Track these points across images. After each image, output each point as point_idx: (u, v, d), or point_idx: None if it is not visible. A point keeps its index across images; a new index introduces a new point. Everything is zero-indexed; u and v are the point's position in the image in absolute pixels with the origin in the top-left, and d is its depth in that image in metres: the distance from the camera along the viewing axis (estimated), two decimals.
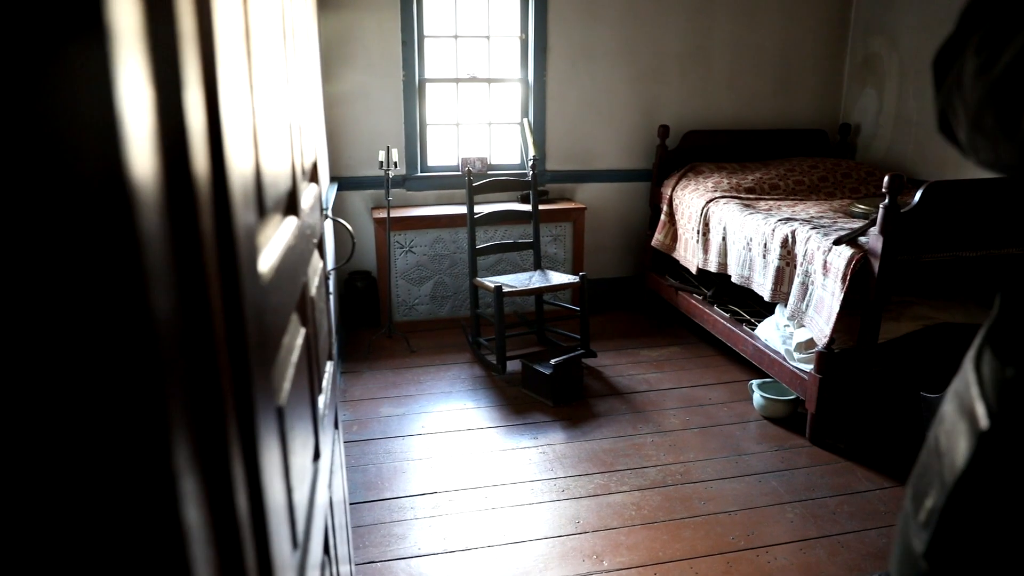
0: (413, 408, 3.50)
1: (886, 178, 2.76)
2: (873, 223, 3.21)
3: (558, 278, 3.96)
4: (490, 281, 3.90)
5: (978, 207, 2.90)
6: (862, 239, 3.00)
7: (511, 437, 3.23)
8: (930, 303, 3.27)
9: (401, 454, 3.09)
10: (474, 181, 4.02)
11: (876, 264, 2.82)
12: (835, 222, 3.46)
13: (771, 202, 4.08)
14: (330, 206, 3.44)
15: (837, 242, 2.96)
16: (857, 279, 2.88)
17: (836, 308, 2.92)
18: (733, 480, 2.89)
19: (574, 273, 4.63)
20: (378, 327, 4.53)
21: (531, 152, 4.57)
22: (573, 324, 4.42)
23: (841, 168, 4.49)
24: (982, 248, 3.00)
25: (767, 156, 4.90)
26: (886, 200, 2.78)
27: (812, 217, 3.59)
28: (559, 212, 4.60)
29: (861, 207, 3.72)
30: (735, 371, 3.95)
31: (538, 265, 4.21)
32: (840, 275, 2.92)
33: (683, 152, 4.78)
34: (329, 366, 1.49)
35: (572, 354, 3.57)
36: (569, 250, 4.68)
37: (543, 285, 3.85)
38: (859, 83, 5.01)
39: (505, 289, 3.72)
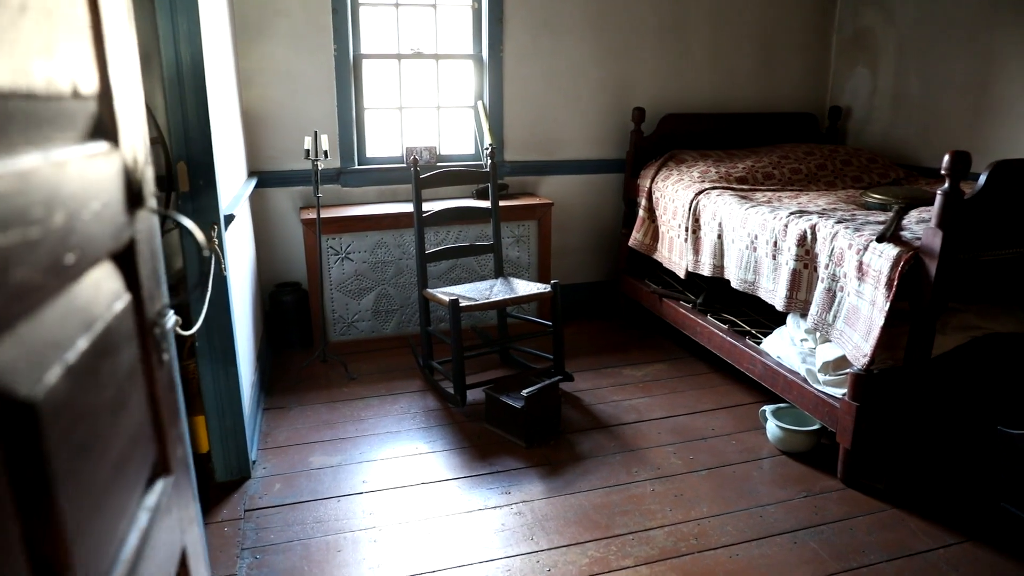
0: (352, 455, 2.80)
1: (946, 157, 2.19)
2: (903, 212, 2.66)
3: (525, 287, 3.31)
4: (444, 293, 3.23)
5: None
6: (906, 235, 2.43)
7: (477, 491, 2.57)
8: (975, 310, 2.72)
9: (336, 523, 2.39)
10: (421, 173, 3.35)
11: (932, 266, 2.24)
12: (854, 215, 2.89)
13: (769, 193, 3.51)
14: (226, 208, 2.72)
15: (880, 239, 2.37)
16: (904, 284, 2.31)
17: (879, 321, 2.34)
18: (762, 543, 2.28)
19: (540, 279, 4.00)
20: (310, 349, 3.81)
21: (487, 140, 3.92)
22: (542, 340, 3.78)
23: (839, 155, 3.95)
24: None
25: (753, 142, 4.34)
26: (946, 185, 2.20)
27: (825, 209, 3.02)
28: (522, 209, 3.95)
29: (876, 196, 3.17)
30: (737, 393, 3.36)
31: (500, 272, 3.55)
32: (884, 280, 2.34)
33: (660, 139, 4.19)
34: (156, 493, 0.80)
35: (547, 381, 2.92)
36: (534, 253, 4.04)
37: (507, 296, 3.19)
38: (849, 61, 4.49)
39: (462, 303, 3.05)
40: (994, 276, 2.39)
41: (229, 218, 2.46)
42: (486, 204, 3.57)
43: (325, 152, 3.48)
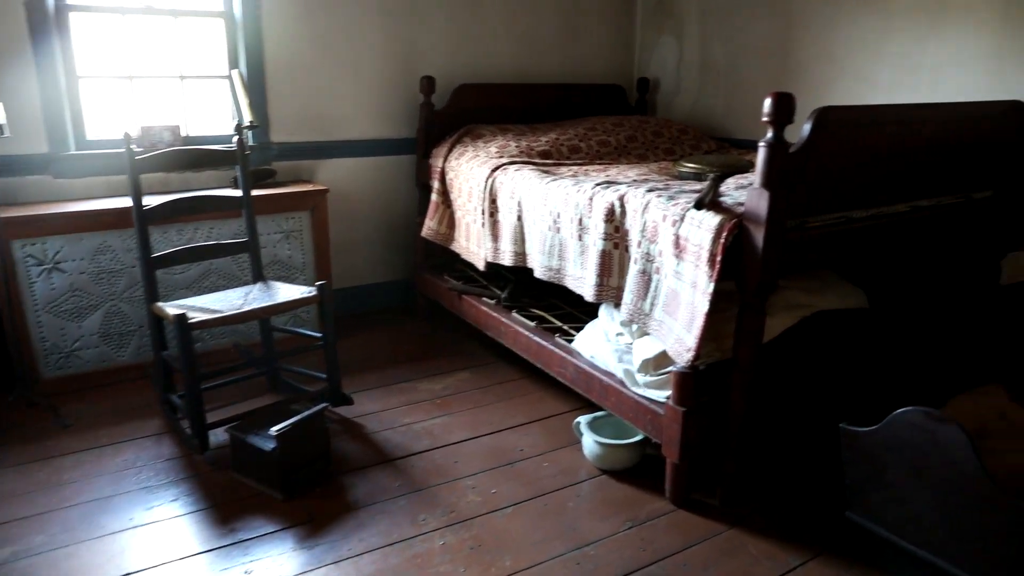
0: (31, 543, 1.99)
1: (768, 100, 1.78)
2: (720, 180, 2.27)
3: (287, 293, 2.63)
4: (176, 306, 2.48)
5: (872, 146, 2.03)
6: (726, 200, 2.01)
7: (218, 569, 1.87)
8: (799, 285, 2.39)
9: None
10: (143, 153, 2.56)
11: (760, 234, 1.83)
12: (667, 185, 2.48)
13: (575, 167, 3.05)
14: None
15: (698, 205, 1.94)
16: (728, 259, 1.89)
17: (704, 306, 1.90)
18: None
19: (318, 281, 3.31)
20: (10, 391, 2.89)
21: (247, 117, 3.18)
22: (321, 356, 3.09)
23: (650, 126, 3.59)
24: (872, 205, 2.15)
25: (558, 115, 3.91)
26: (769, 134, 1.79)
27: (636, 180, 2.60)
28: (290, 198, 3.24)
29: (690, 166, 2.80)
30: (551, 401, 2.86)
31: (259, 276, 2.84)
32: (705, 255, 1.90)
33: (455, 112, 3.64)
34: None
35: (305, 413, 2.26)
36: (309, 250, 3.34)
37: (262, 306, 2.49)
38: (654, 29, 4.19)
39: (193, 318, 2.32)
40: (822, 246, 2.03)
41: None
42: (238, 193, 2.83)
43: (2, 125, 2.60)
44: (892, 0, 2.96)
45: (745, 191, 2.06)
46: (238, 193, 2.81)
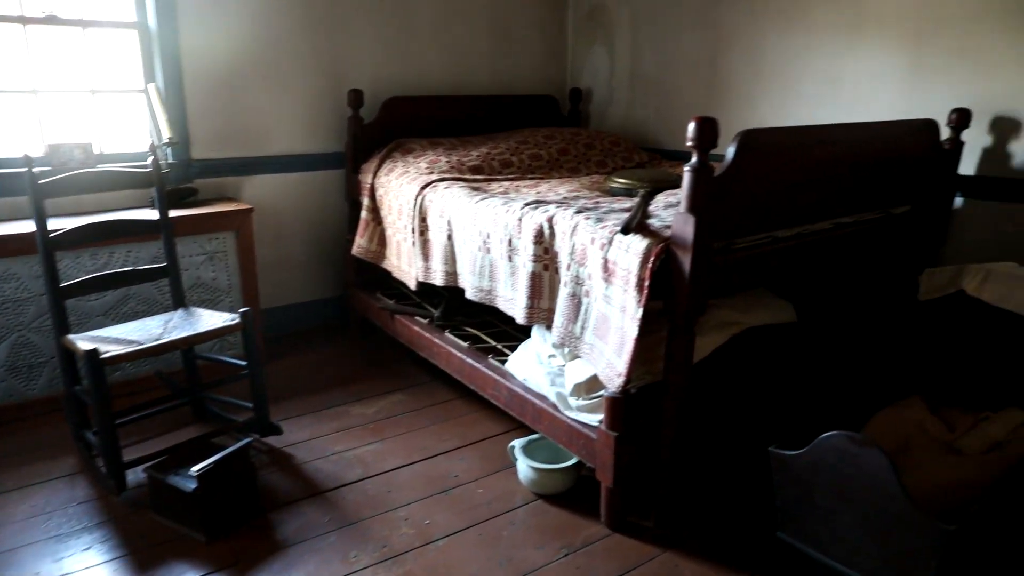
0: None
1: (691, 124, 1.77)
2: (649, 197, 2.27)
3: (210, 320, 2.52)
4: (86, 340, 2.35)
5: (796, 167, 2.05)
6: (654, 223, 2.00)
7: None
8: (729, 303, 2.40)
9: None
10: (44, 177, 2.42)
11: (687, 259, 1.82)
12: (598, 203, 2.47)
13: (506, 183, 3.02)
14: None
15: (625, 230, 1.92)
16: (656, 283, 1.88)
17: (633, 331, 1.89)
18: None
19: (246, 303, 3.21)
20: None
21: (165, 133, 3.05)
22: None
23: (582, 138, 3.58)
24: (797, 224, 2.18)
25: (490, 128, 3.87)
26: (694, 159, 1.79)
27: (566, 198, 2.58)
28: (213, 218, 3.11)
29: (621, 181, 2.80)
30: (486, 422, 2.82)
31: (180, 302, 2.72)
32: (633, 280, 1.89)
33: (384, 126, 3.56)
34: None
35: (229, 449, 2.16)
36: (234, 271, 3.22)
37: (182, 336, 2.38)
38: (586, 40, 4.19)
39: (106, 352, 2.20)
40: (749, 267, 2.04)
41: None
42: (155, 215, 2.70)
43: None
44: (813, 17, 3.01)
45: (674, 209, 2.06)
46: (156, 215, 2.68)
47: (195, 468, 2.05)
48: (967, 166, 2.60)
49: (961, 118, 2.49)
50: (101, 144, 3.20)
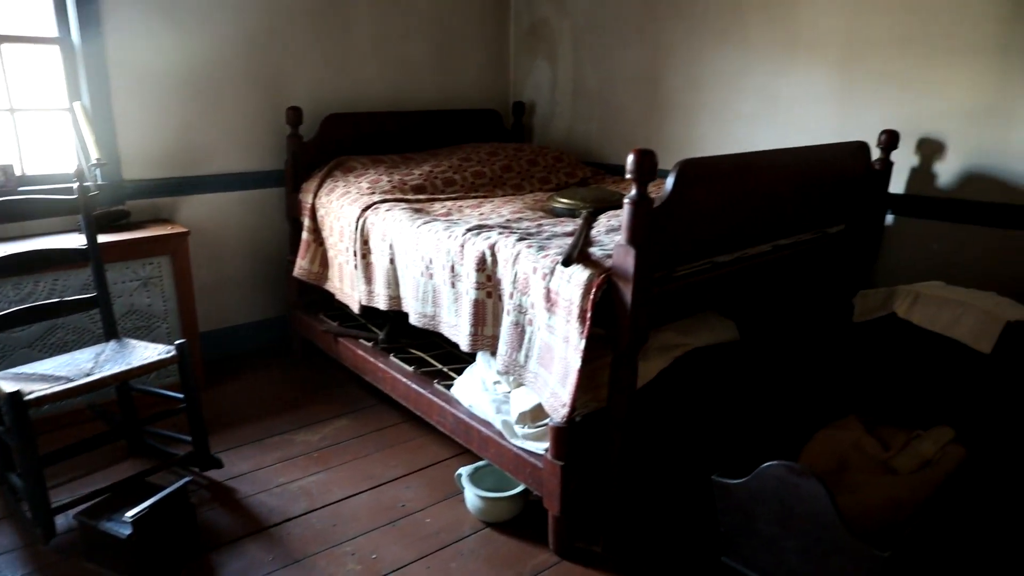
0: None
1: (630, 157, 1.78)
2: (592, 219, 2.29)
3: (144, 353, 2.44)
4: (9, 379, 2.24)
5: (735, 193, 2.08)
6: (595, 251, 2.01)
7: None
8: (672, 326, 2.43)
9: None
10: None
11: (628, 291, 1.83)
12: (540, 226, 2.47)
13: (448, 203, 3.00)
14: None
15: (566, 261, 1.92)
16: (599, 313, 1.88)
17: (576, 363, 1.89)
18: None
19: (184, 329, 3.12)
20: None
21: (93, 154, 2.93)
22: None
23: (525, 154, 3.58)
24: (737, 249, 2.21)
25: (433, 144, 3.84)
26: (633, 192, 1.79)
27: (509, 221, 2.57)
28: (147, 243, 3.01)
29: (564, 201, 2.81)
30: (433, 446, 2.80)
31: (112, 333, 2.62)
32: (576, 311, 1.89)
33: (325, 143, 3.50)
34: None
35: (166, 491, 2.09)
36: (171, 296, 3.12)
37: (114, 372, 2.29)
38: (528, 53, 4.19)
39: (31, 393, 2.10)
40: (690, 294, 2.07)
41: None
42: (83, 242, 2.59)
43: None
44: (750, 37, 3.06)
45: (616, 234, 2.08)
46: (83, 242, 2.58)
47: (130, 513, 1.98)
48: (897, 185, 2.68)
49: (890, 139, 2.56)
50: (23, 166, 3.07)
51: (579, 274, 1.90)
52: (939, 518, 1.82)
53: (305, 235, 3.22)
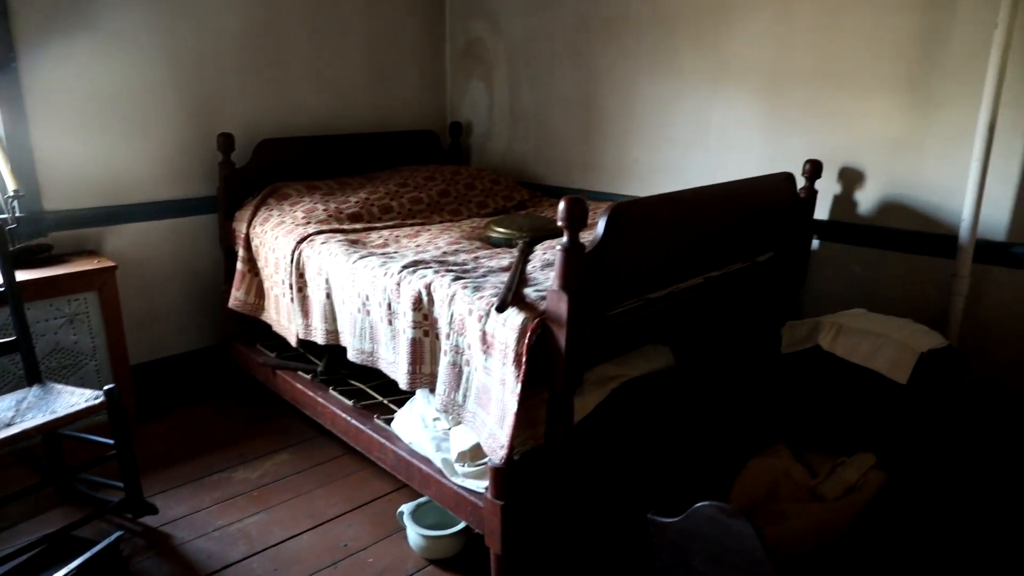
0: None
1: (562, 204, 1.80)
2: (528, 252, 2.31)
3: (69, 400, 2.36)
4: None
5: (667, 233, 2.13)
6: (530, 293, 2.03)
7: None
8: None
9: None
10: None
11: (562, 336, 1.86)
12: (477, 259, 2.49)
13: (385, 232, 2.98)
14: None
15: (501, 307, 1.94)
16: (534, 355, 1.90)
17: (512, 406, 1.91)
18: None
19: (114, 367, 3.04)
20: None
21: (9, 185, 2.83)
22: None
23: (462, 178, 3.59)
24: (669, 284, 2.26)
25: (370, 167, 3.82)
26: (565, 239, 1.82)
27: (446, 253, 2.57)
28: (71, 279, 2.91)
29: (500, 231, 2.82)
30: (375, 481, 2.78)
31: (34, 377, 2.52)
32: (511, 355, 1.91)
33: (258, 169, 3.44)
34: None
35: (95, 549, 2.03)
36: (99, 333, 3.03)
37: (36, 424, 2.21)
38: (465, 73, 4.19)
39: None
40: (624, 332, 2.11)
41: None
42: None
43: None
44: (681, 64, 3.13)
45: (551, 270, 2.10)
46: None
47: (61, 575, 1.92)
48: (822, 211, 2.78)
49: (814, 168, 2.66)
50: None
51: (514, 318, 1.92)
52: (863, 545, 1.90)
53: (240, 265, 3.16)
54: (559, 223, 1.82)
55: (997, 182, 2.34)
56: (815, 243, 2.83)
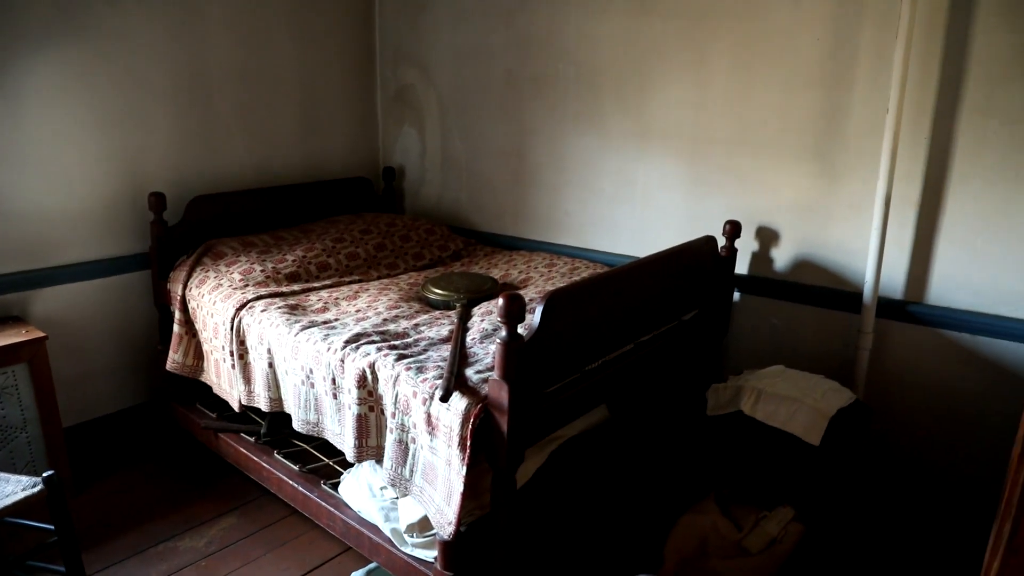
0: None
1: (500, 300, 1.90)
2: (467, 314, 2.41)
3: (4, 488, 2.32)
4: None
5: (600, 312, 2.25)
6: (471, 375, 2.12)
7: None
8: None
9: None
10: None
11: (503, 421, 1.96)
12: (417, 327, 2.57)
13: (324, 293, 3.02)
14: None
15: (445, 396, 2.02)
16: (478, 437, 2.00)
17: (459, 486, 2.00)
18: None
19: (47, 441, 2.98)
20: None
21: None
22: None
23: (398, 229, 3.65)
24: (604, 355, 2.39)
25: (306, 217, 3.84)
26: (504, 334, 1.92)
27: (386, 320, 2.64)
28: None
29: (438, 292, 2.91)
30: (324, 542, 2.82)
31: None
32: (456, 438, 2.00)
33: (192, 226, 3.43)
34: None
35: None
36: (30, 405, 2.96)
37: None
38: (396, 120, 4.25)
39: None
40: (563, 407, 2.22)
41: None
42: None
43: None
44: (607, 124, 3.28)
45: (491, 342, 2.21)
46: None
47: None
48: (742, 266, 2.97)
49: (733, 229, 2.84)
50: None
51: (457, 403, 2.01)
52: None
53: (176, 328, 3.14)
54: (499, 319, 1.92)
55: (895, 248, 2.57)
56: (736, 295, 3.02)
